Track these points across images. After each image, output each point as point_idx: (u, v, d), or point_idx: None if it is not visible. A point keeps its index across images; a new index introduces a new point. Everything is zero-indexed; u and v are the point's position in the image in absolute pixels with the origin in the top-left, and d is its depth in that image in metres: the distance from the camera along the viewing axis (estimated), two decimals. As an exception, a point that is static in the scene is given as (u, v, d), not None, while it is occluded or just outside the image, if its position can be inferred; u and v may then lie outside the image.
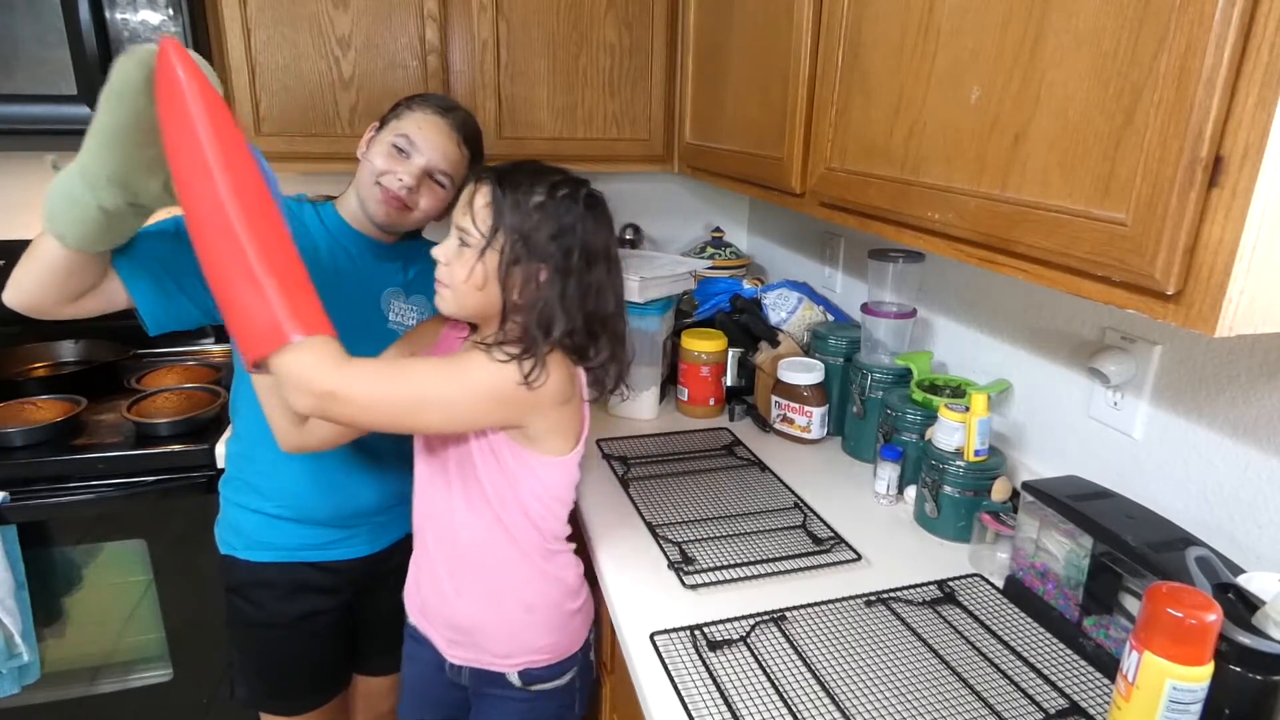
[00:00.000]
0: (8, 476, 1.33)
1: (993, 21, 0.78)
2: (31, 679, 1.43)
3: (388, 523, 1.25)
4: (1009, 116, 0.76)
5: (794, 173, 1.22)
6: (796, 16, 1.18)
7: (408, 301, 1.22)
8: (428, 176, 1.11)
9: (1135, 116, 0.62)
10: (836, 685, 0.85)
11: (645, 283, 1.50)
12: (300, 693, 1.27)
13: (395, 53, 1.60)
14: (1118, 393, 1.04)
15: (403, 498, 1.24)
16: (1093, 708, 0.82)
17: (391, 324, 1.20)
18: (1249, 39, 0.54)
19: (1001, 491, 1.10)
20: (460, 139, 1.12)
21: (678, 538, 1.14)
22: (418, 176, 1.10)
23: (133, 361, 1.76)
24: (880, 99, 0.98)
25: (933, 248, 0.91)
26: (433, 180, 1.11)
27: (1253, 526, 0.88)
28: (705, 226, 2.23)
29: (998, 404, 1.25)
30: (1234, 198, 0.56)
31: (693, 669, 0.87)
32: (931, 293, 1.43)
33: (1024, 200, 0.75)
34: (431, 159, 1.10)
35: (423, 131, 1.09)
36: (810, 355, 1.54)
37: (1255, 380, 0.87)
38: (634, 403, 1.59)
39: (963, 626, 0.96)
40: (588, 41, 1.70)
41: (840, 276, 1.75)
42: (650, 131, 1.79)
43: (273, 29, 1.53)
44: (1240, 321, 0.58)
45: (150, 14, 1.41)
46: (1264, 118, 0.53)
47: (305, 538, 1.19)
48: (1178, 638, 0.64)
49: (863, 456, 1.41)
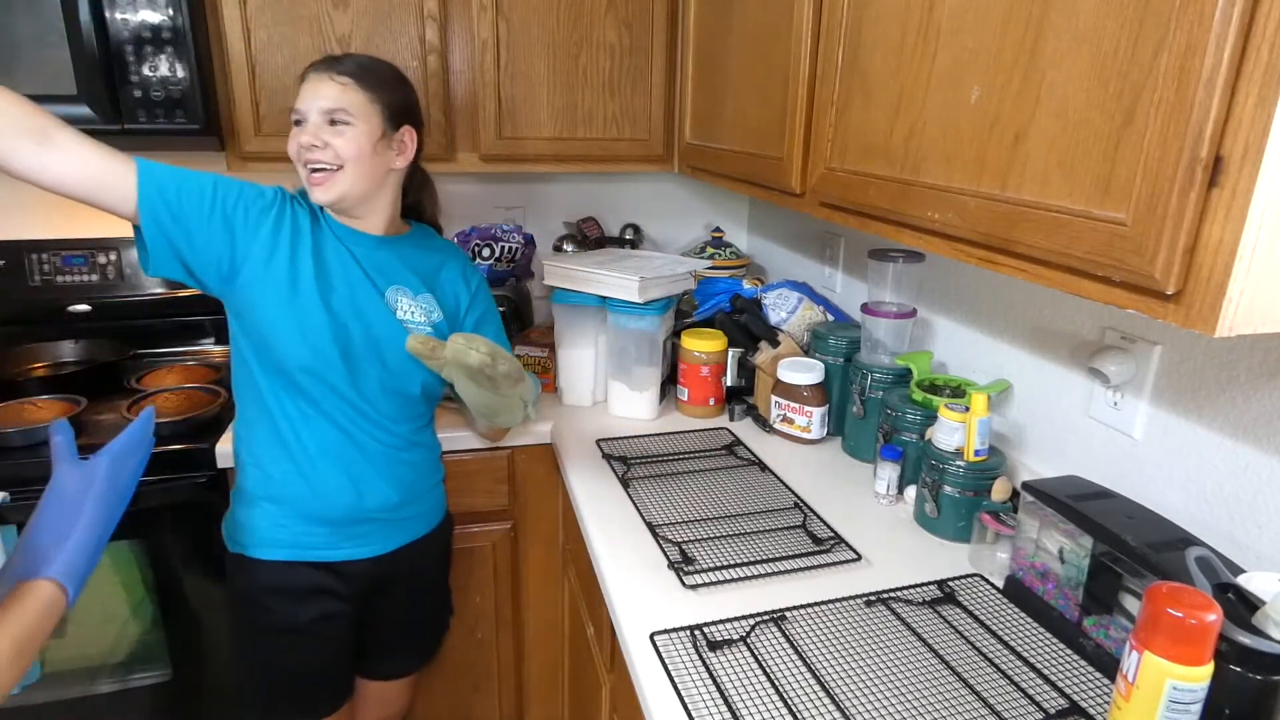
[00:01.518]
0: (8, 476, 1.33)
1: (993, 21, 0.78)
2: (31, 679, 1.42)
3: (397, 523, 1.25)
4: (1009, 116, 0.76)
5: (794, 173, 1.22)
6: (796, 17, 1.18)
7: (415, 299, 1.20)
8: (327, 126, 1.08)
9: (1135, 116, 0.62)
10: (836, 685, 0.85)
11: (645, 283, 1.50)
12: (313, 701, 1.25)
13: (395, 53, 1.60)
14: (1118, 393, 1.04)
15: (413, 497, 1.25)
16: (1093, 708, 0.82)
17: (402, 320, 1.18)
18: (1249, 39, 0.54)
19: (1001, 491, 1.10)
20: (340, 77, 1.08)
21: (678, 538, 1.14)
22: (313, 133, 1.07)
23: (133, 361, 1.76)
24: (880, 99, 0.98)
25: (933, 248, 0.91)
26: (332, 126, 1.08)
27: (1253, 526, 0.88)
28: (705, 226, 2.23)
29: (998, 404, 1.25)
30: (1234, 198, 0.56)
31: (693, 669, 0.87)
32: (931, 293, 1.43)
33: (1024, 200, 0.75)
34: (318, 107, 1.07)
35: (304, 96, 1.09)
36: (810, 355, 1.53)
37: (1255, 380, 0.87)
38: (634, 403, 1.59)
39: (963, 626, 0.96)
40: (588, 41, 1.70)
41: (840, 276, 1.75)
42: (650, 131, 1.79)
43: (273, 29, 1.54)
44: (1240, 321, 0.58)
45: (150, 14, 1.41)
46: (1264, 118, 0.53)
47: (316, 536, 1.18)
48: (1178, 638, 0.64)
49: (863, 456, 1.41)
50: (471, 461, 1.54)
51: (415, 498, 1.26)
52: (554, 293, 1.59)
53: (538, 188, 2.08)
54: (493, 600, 1.66)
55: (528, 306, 1.90)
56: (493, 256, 1.75)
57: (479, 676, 1.70)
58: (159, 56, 1.43)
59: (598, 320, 1.59)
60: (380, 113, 1.11)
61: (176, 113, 1.47)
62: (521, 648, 1.73)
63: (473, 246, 1.74)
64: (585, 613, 1.41)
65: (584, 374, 1.64)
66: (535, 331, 1.83)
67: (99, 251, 1.78)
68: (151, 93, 1.44)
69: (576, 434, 1.52)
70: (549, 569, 1.69)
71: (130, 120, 1.45)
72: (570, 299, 1.57)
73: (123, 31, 1.41)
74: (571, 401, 1.66)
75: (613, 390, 1.60)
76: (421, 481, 1.27)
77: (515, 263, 1.79)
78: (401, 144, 1.15)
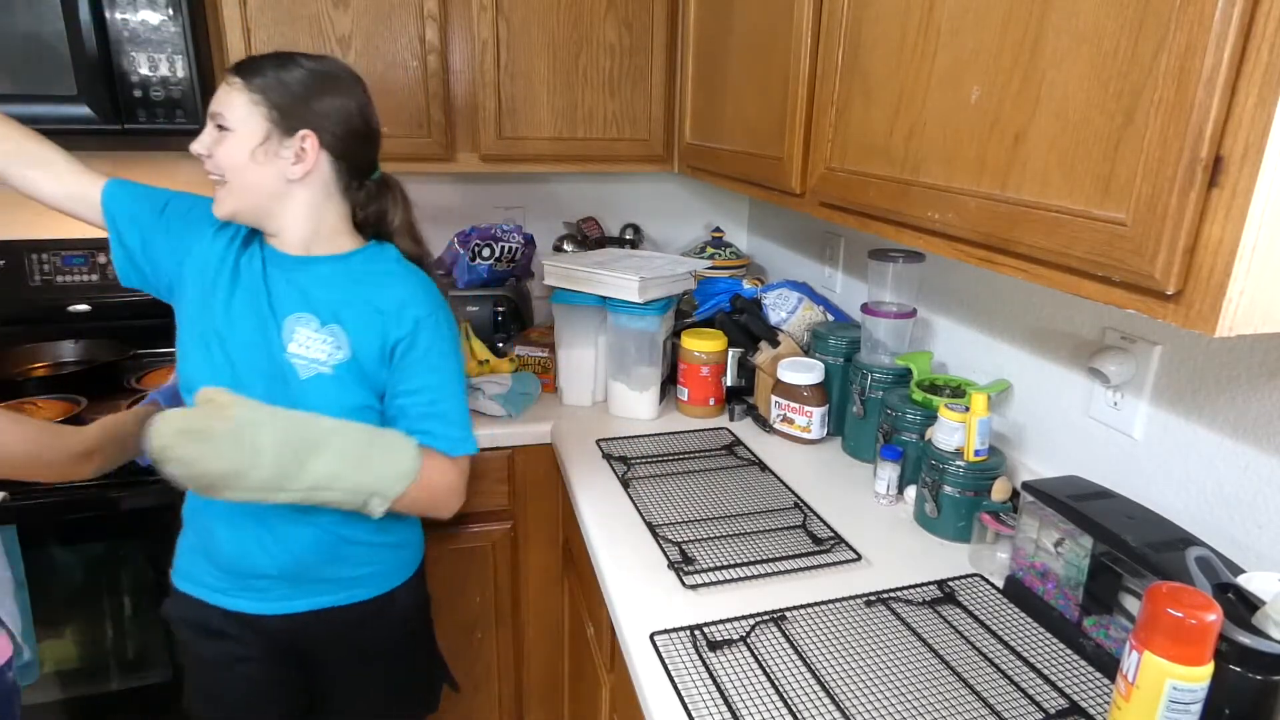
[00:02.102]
0: (8, 476, 1.34)
1: (993, 21, 0.78)
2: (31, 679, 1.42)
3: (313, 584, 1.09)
4: (1009, 116, 0.76)
5: (794, 173, 1.22)
6: (796, 17, 1.17)
7: (320, 331, 1.03)
8: (215, 131, 0.99)
9: (1135, 116, 0.62)
10: (836, 685, 0.85)
11: (645, 283, 1.50)
12: None
13: (395, 53, 1.60)
14: (1118, 393, 1.04)
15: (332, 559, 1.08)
16: (1093, 708, 0.82)
17: (291, 354, 1.02)
18: (1249, 39, 0.54)
19: (1001, 491, 1.10)
20: (234, 76, 0.99)
21: (678, 538, 1.14)
22: (203, 141, 1.00)
23: (133, 361, 1.75)
24: (880, 99, 0.98)
25: (933, 248, 0.91)
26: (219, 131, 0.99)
27: (1253, 526, 0.88)
28: (705, 226, 2.23)
29: (998, 404, 1.25)
30: (1234, 198, 0.56)
31: (693, 669, 0.87)
32: (931, 293, 1.43)
33: (1024, 200, 0.75)
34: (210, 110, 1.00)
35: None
36: (810, 355, 1.53)
37: (1255, 380, 0.87)
38: (634, 403, 1.59)
39: (963, 626, 0.96)
40: (588, 41, 1.70)
41: (840, 276, 1.75)
42: (650, 131, 1.79)
43: (273, 29, 1.53)
44: (1240, 321, 0.58)
45: (150, 14, 1.41)
46: (1264, 118, 0.53)
47: (214, 579, 1.09)
48: (1178, 638, 0.64)
49: (863, 456, 1.41)
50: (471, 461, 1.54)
51: (336, 560, 1.08)
52: (554, 293, 1.59)
53: (538, 188, 2.08)
54: (493, 600, 1.66)
55: (528, 306, 1.90)
56: (493, 256, 1.75)
57: (479, 677, 1.70)
58: (159, 56, 1.43)
59: (598, 320, 1.59)
60: (265, 115, 0.97)
61: (176, 112, 1.47)
62: (521, 648, 1.73)
63: (473, 246, 1.74)
64: (585, 613, 1.41)
65: (584, 374, 1.64)
66: (535, 331, 1.83)
67: (99, 251, 1.78)
68: (151, 92, 1.45)
69: (576, 434, 1.52)
70: (549, 569, 1.69)
71: (130, 120, 1.45)
72: (570, 299, 1.57)
73: (123, 31, 1.41)
74: (571, 401, 1.66)
75: (613, 390, 1.60)
76: (345, 545, 1.08)
77: (515, 263, 1.79)
78: (300, 152, 0.99)
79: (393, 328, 1.05)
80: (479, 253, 1.74)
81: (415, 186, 1.97)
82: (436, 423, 1.07)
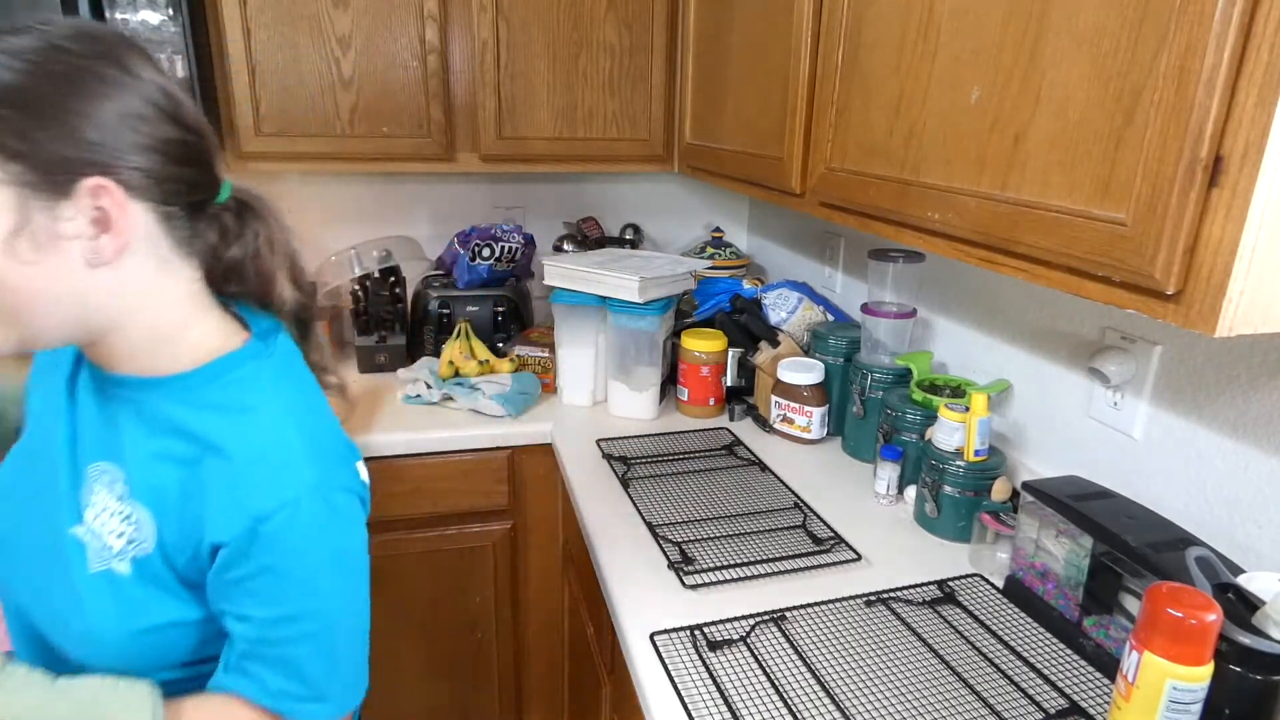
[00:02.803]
0: (8, 476, 1.33)
1: (992, 22, 0.78)
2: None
3: None
4: (1009, 116, 0.76)
5: (794, 173, 1.22)
6: (796, 17, 1.18)
7: (122, 502, 0.66)
8: None
9: (1135, 116, 0.62)
10: (836, 685, 0.85)
11: (645, 283, 1.50)
12: None
13: (395, 53, 1.60)
14: (1118, 393, 1.04)
15: None
16: (1093, 708, 0.82)
17: (75, 530, 0.66)
18: (1249, 39, 0.54)
19: (1001, 491, 1.10)
20: None
21: (678, 538, 1.14)
22: None
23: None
24: (880, 99, 0.98)
25: (933, 248, 0.91)
26: None
27: (1253, 527, 0.88)
28: (705, 226, 2.23)
29: (998, 404, 1.26)
30: (1234, 198, 0.56)
31: (693, 669, 0.87)
32: (931, 293, 1.43)
33: (1024, 200, 0.75)
34: None
35: None
36: (810, 355, 1.54)
37: (1255, 380, 0.87)
38: (634, 403, 1.59)
39: (963, 626, 0.96)
40: (588, 41, 1.70)
41: (840, 276, 1.75)
42: (650, 131, 1.79)
43: (273, 29, 1.54)
44: (1240, 321, 0.58)
45: (150, 14, 1.41)
46: (1264, 118, 0.53)
47: None
48: (1178, 638, 0.64)
49: (863, 456, 1.41)
50: (471, 461, 1.54)
51: None
52: (554, 293, 1.59)
53: (538, 188, 2.08)
54: (493, 600, 1.66)
55: (528, 306, 1.90)
56: (493, 256, 1.75)
57: (479, 676, 1.70)
58: (159, 56, 1.43)
59: (598, 320, 1.59)
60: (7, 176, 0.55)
61: (176, 113, 1.47)
62: (521, 648, 1.73)
63: (473, 246, 1.74)
64: (585, 613, 1.41)
65: (584, 374, 1.64)
66: (535, 331, 1.83)
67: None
68: (151, 93, 1.44)
69: (576, 434, 1.52)
70: (549, 569, 1.69)
71: (130, 120, 1.45)
72: (570, 299, 1.57)
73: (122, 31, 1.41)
74: (571, 401, 1.66)
75: (613, 390, 1.60)
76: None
77: (515, 263, 1.79)
78: (98, 216, 0.58)
79: (217, 523, 0.63)
80: (479, 253, 1.74)
81: (415, 186, 1.99)
82: (261, 666, 0.65)
